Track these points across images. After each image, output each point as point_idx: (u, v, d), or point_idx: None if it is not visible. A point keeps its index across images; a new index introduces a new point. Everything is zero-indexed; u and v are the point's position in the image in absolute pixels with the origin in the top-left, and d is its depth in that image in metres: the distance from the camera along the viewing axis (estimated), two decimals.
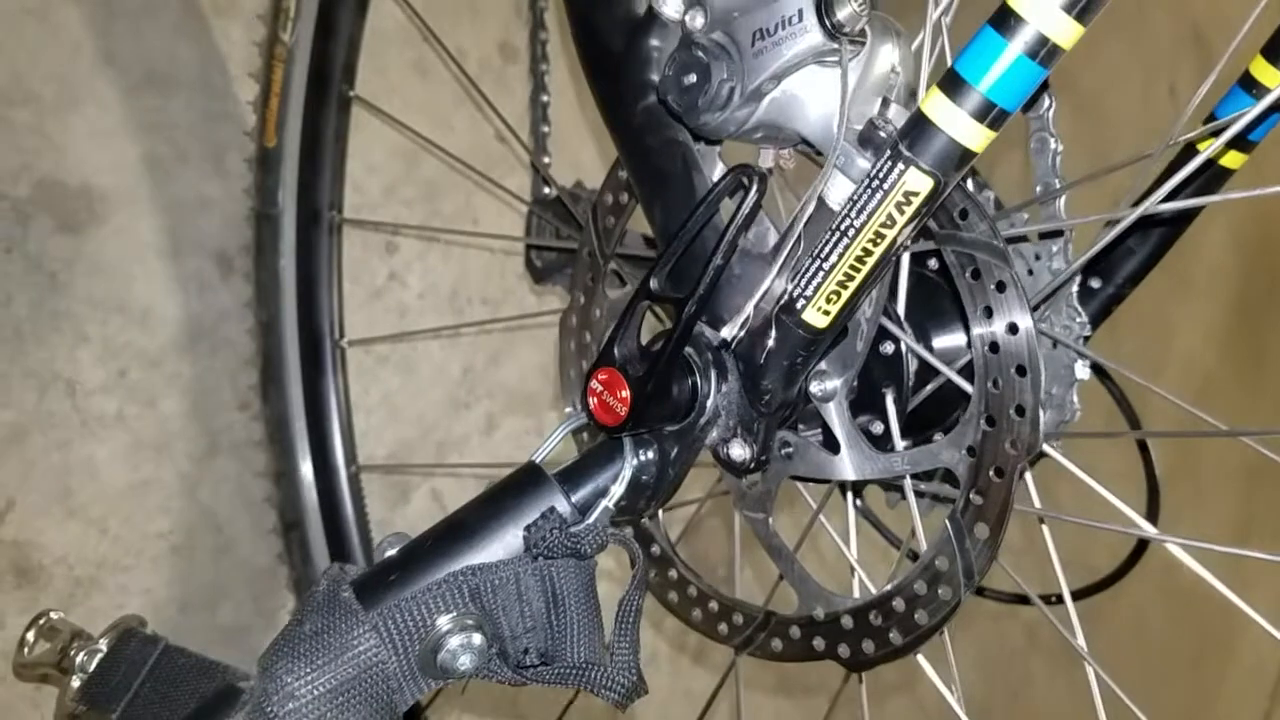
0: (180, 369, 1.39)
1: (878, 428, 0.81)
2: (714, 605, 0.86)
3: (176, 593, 1.37)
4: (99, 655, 0.82)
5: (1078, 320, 0.85)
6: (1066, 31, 0.61)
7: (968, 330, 0.71)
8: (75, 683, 0.81)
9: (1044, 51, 0.61)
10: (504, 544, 0.71)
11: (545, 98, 1.26)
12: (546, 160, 1.26)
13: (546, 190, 1.22)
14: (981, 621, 2.37)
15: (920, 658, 0.77)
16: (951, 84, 0.64)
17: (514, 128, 1.31)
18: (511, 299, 1.69)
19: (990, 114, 0.63)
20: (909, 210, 0.66)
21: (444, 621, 0.68)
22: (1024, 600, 0.92)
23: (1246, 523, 3.26)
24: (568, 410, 0.92)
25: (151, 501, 1.36)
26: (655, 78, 0.78)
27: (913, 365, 0.82)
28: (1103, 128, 2.45)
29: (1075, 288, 0.85)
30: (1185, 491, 2.85)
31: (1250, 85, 0.87)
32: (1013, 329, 0.69)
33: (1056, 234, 0.85)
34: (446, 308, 1.63)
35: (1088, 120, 2.48)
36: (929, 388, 0.81)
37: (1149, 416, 1.01)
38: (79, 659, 0.82)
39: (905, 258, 0.80)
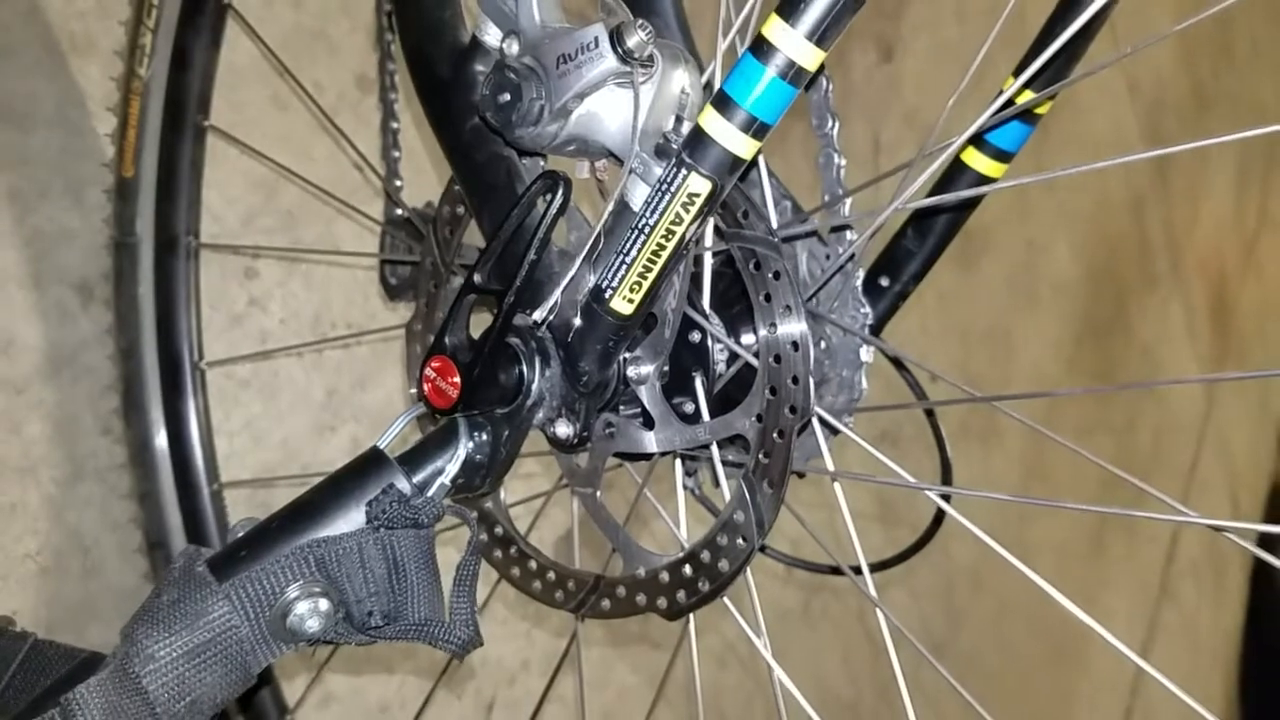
0: (44, 396, 1.42)
1: (690, 407, 0.92)
2: (551, 575, 0.95)
3: (44, 613, 1.39)
4: None
5: (861, 310, 0.96)
6: (810, 56, 0.72)
7: (753, 314, 0.82)
8: None
9: (793, 73, 0.73)
10: (348, 519, 0.78)
11: (395, 124, 1.33)
12: (399, 183, 1.34)
13: (399, 211, 1.30)
14: (846, 618, 2.49)
15: (728, 602, 0.87)
16: (722, 102, 0.75)
17: (368, 155, 1.39)
18: (375, 322, 1.74)
19: (754, 127, 0.74)
20: (693, 209, 0.77)
21: (292, 589, 0.76)
22: (836, 571, 1.03)
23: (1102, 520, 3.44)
24: (412, 392, 1.00)
25: (18, 525, 1.38)
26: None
27: (721, 352, 0.93)
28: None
29: (859, 282, 0.97)
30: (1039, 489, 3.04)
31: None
32: (787, 310, 0.80)
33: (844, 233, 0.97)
34: (309, 332, 1.68)
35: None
36: (732, 369, 0.92)
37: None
38: None
39: (708, 257, 0.91)
